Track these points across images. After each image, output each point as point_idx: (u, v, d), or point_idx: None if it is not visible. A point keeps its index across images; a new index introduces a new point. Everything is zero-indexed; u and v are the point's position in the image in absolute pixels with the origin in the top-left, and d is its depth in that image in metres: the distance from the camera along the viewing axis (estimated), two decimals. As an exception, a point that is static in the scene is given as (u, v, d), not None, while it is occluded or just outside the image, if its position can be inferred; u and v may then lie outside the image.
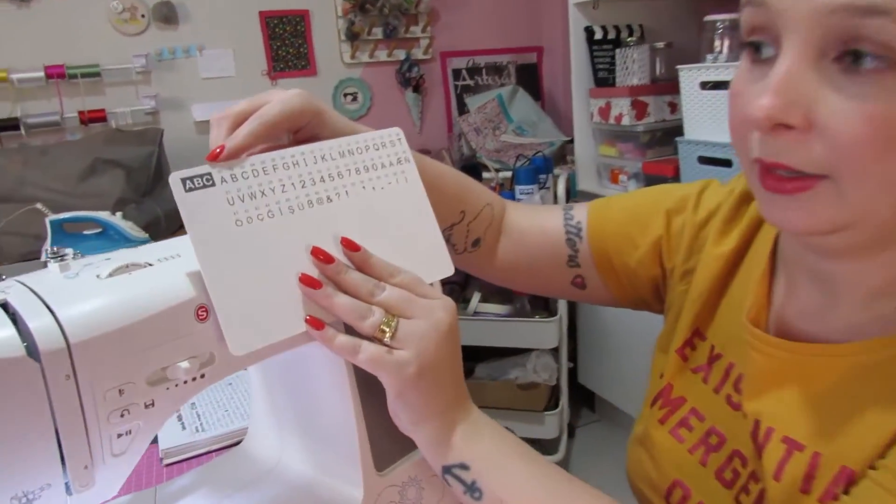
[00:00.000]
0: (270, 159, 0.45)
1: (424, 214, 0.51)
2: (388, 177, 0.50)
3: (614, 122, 1.82)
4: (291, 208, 0.45)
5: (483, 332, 1.86)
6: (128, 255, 0.44)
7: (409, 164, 0.52)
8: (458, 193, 0.63)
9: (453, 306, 0.47)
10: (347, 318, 0.44)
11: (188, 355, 0.42)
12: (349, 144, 0.49)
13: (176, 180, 0.41)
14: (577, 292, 0.68)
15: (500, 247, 0.67)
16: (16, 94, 2.01)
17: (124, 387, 0.39)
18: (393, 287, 0.46)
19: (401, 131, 0.52)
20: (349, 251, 0.46)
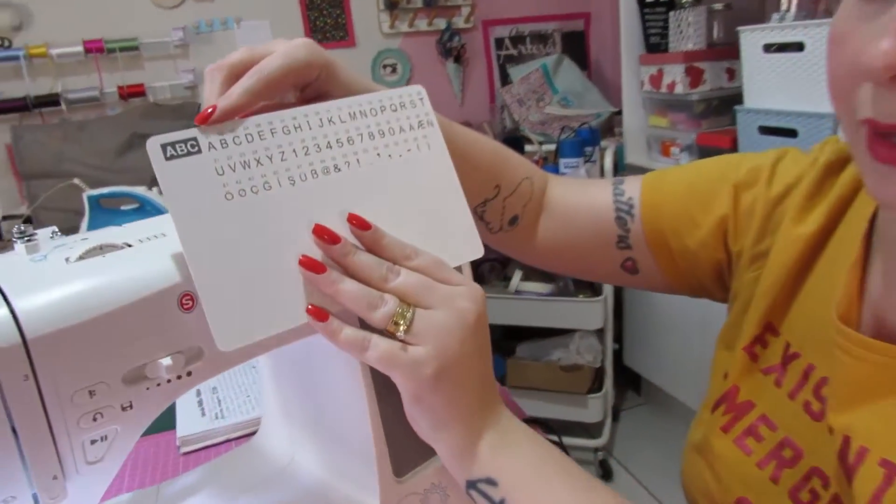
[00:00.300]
0: (268, 122, 0.39)
1: (450, 186, 0.44)
2: (408, 142, 0.43)
3: (666, 90, 1.71)
4: (292, 179, 0.39)
5: (524, 312, 1.79)
6: (105, 235, 0.38)
7: (432, 127, 0.45)
8: (493, 165, 0.56)
9: (481, 294, 0.41)
10: (355, 308, 0.38)
11: (171, 350, 0.36)
12: (362, 104, 0.42)
13: (154, 146, 0.35)
14: (628, 277, 0.60)
15: (541, 225, 0.60)
16: (56, 70, 2.00)
17: (95, 387, 0.34)
18: (409, 271, 0.39)
19: (423, 90, 0.45)
20: (358, 230, 0.39)
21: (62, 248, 0.37)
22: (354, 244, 0.39)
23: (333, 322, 0.38)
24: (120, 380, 0.35)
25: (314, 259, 0.38)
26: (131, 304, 0.34)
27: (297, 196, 0.39)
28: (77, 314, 0.33)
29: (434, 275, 0.40)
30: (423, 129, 0.44)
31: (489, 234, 0.60)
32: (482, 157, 0.55)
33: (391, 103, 0.44)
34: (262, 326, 0.36)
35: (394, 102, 0.44)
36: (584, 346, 1.78)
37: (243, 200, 0.37)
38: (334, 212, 0.40)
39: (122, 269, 0.35)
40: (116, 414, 0.35)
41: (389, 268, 0.39)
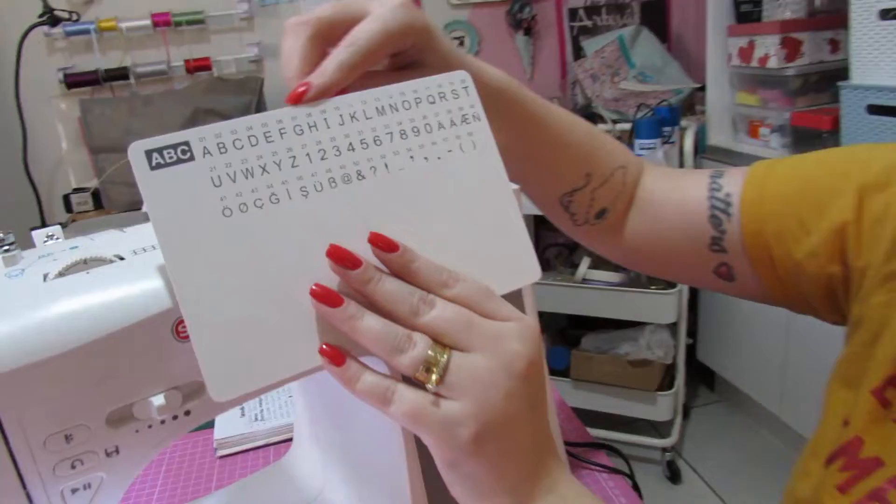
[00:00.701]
0: (276, 120, 0.32)
1: (500, 195, 0.36)
2: (449, 142, 0.36)
3: (758, 64, 1.55)
4: (305, 190, 0.32)
5: (592, 303, 1.69)
6: (95, 246, 0.33)
7: (478, 122, 0.37)
8: (587, 152, 0.50)
9: (535, 331, 0.33)
10: (377, 350, 0.31)
11: (164, 387, 0.30)
12: (392, 96, 0.35)
13: (137, 153, 0.30)
14: (722, 284, 0.51)
15: (630, 221, 0.53)
16: (126, 43, 2.02)
17: (72, 431, 0.29)
18: (446, 303, 0.32)
19: (468, 76, 0.37)
20: (383, 251, 0.32)
21: (46, 258, 0.32)
22: (379, 268, 0.32)
23: (351, 366, 0.31)
24: (103, 421, 0.29)
25: (328, 289, 0.31)
26: (116, 332, 0.29)
27: (311, 211, 0.32)
28: (49, 345, 0.27)
29: (478, 307, 0.32)
30: (468, 125, 0.36)
31: (572, 226, 0.54)
32: (579, 142, 0.49)
33: (428, 94, 0.36)
34: (265, 372, 0.30)
35: (431, 93, 0.36)
36: (655, 341, 1.67)
37: (245, 217, 0.31)
38: (356, 229, 0.33)
39: (107, 288, 0.30)
40: (100, 460, 0.30)
41: (422, 298, 0.32)
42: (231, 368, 0.29)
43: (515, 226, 0.36)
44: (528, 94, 0.47)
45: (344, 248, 0.32)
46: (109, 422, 0.29)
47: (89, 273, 0.30)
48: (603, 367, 1.74)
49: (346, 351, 0.32)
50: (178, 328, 0.30)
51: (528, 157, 0.49)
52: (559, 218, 0.55)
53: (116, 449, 0.30)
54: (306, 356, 0.31)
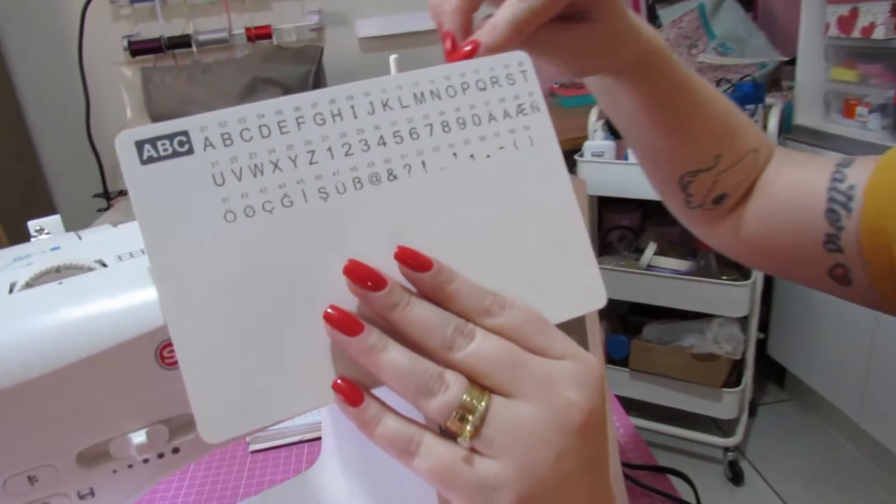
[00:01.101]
0: (292, 106, 0.27)
1: (561, 201, 0.30)
2: (501, 136, 0.29)
3: (860, 35, 1.40)
4: (324, 192, 0.27)
5: (656, 291, 1.59)
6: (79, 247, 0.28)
7: (537, 113, 0.30)
8: (723, 131, 0.46)
9: (597, 373, 0.27)
10: (400, 390, 0.25)
11: (146, 421, 0.26)
12: (434, 80, 0.29)
13: (126, 144, 0.25)
14: (839, 288, 0.45)
15: (745, 209, 0.48)
16: (189, 11, 2.01)
17: (37, 472, 0.24)
18: (488, 335, 0.26)
19: (527, 57, 0.31)
20: (415, 270, 0.26)
21: (21, 262, 0.27)
22: (408, 288, 0.27)
23: (370, 407, 0.25)
24: (73, 460, 0.25)
25: (346, 313, 0.26)
26: (88, 357, 0.24)
27: (330, 217, 0.27)
28: (8, 372, 0.23)
29: (527, 341, 0.26)
30: (525, 117, 0.30)
31: (684, 208, 0.49)
32: (714, 118, 0.45)
33: (478, 78, 0.29)
34: (268, 409, 0.25)
35: (482, 77, 0.29)
36: (723, 335, 1.56)
37: (251, 222, 0.26)
38: (383, 241, 0.27)
39: (80, 303, 0.25)
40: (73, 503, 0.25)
41: (458, 329, 0.26)
42: (227, 405, 0.24)
43: (578, 240, 0.29)
44: (677, 59, 0.43)
45: (365, 265, 0.26)
46: (81, 461, 0.25)
47: (62, 283, 0.26)
48: (665, 359, 1.65)
49: (365, 387, 0.26)
50: (162, 353, 0.25)
51: (664, 128, 0.45)
52: (672, 197, 0.50)
53: (91, 491, 0.26)
54: (317, 392, 0.26)
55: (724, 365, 1.61)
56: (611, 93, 0.45)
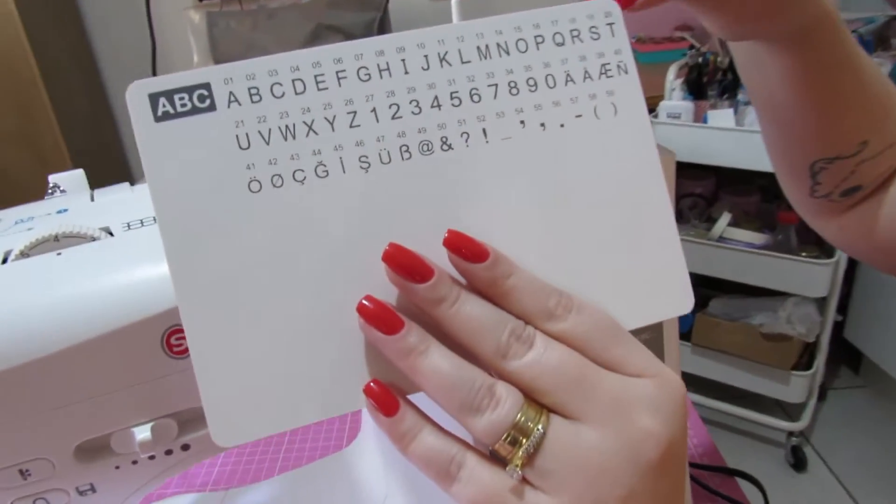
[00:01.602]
0: (332, 57, 0.23)
1: (646, 182, 0.25)
2: (579, 102, 0.25)
3: None
4: (365, 161, 0.23)
5: (727, 264, 1.50)
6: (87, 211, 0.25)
7: (624, 76, 0.25)
8: (876, 116, 0.40)
9: (678, 395, 0.22)
10: (444, 403, 0.22)
11: (152, 415, 0.23)
12: (501, 31, 0.24)
13: (138, 97, 0.21)
14: None
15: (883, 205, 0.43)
16: (256, -47, 1.97)
17: (30, 465, 0.22)
18: (551, 342, 0.22)
19: (616, 7, 0.25)
20: (467, 260, 0.22)
21: (23, 225, 0.24)
22: (457, 279, 0.22)
23: (406, 418, 0.22)
24: (70, 455, 0.22)
25: (384, 306, 0.22)
26: (84, 343, 0.21)
27: (371, 191, 0.23)
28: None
29: (597, 351, 0.22)
30: (610, 80, 0.25)
31: (805, 196, 0.44)
32: (868, 103, 0.38)
33: (555, 31, 0.24)
34: (287, 412, 0.22)
35: (560, 30, 0.24)
36: (797, 315, 1.47)
37: (279, 194, 0.22)
38: (431, 223, 0.23)
39: (78, 279, 0.22)
40: (72, 499, 0.23)
41: (515, 332, 0.22)
42: (243, 405, 0.21)
43: (664, 232, 0.25)
44: (846, 30, 0.37)
45: (408, 250, 0.22)
46: (79, 456, 0.22)
47: (60, 254, 0.23)
48: (731, 337, 1.56)
49: (402, 392, 0.23)
50: (169, 340, 0.22)
51: (813, 107, 0.39)
52: (794, 182, 0.45)
53: (92, 487, 0.23)
54: (345, 396, 0.22)
55: (796, 346, 1.52)
56: (759, 60, 0.39)
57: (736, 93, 1.39)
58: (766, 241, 1.49)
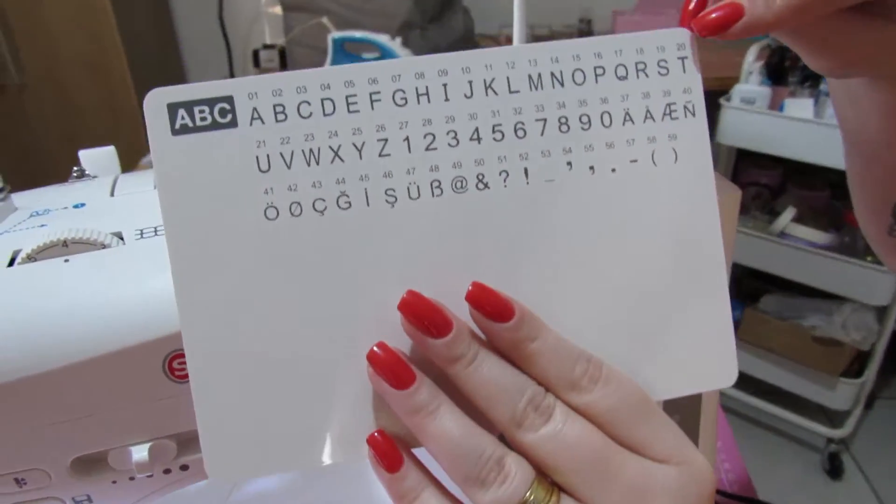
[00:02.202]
0: (367, 77, 0.21)
1: (703, 240, 0.23)
2: (637, 145, 0.22)
3: None
4: (392, 195, 0.21)
5: (786, 261, 1.43)
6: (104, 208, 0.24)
7: (692, 119, 0.22)
8: None
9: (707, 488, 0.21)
10: (449, 469, 0.20)
11: (151, 435, 0.22)
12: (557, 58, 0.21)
13: (156, 106, 0.20)
14: None
15: None
16: None
17: (25, 475, 0.21)
18: (571, 415, 0.20)
19: (689, 37, 0.22)
20: (490, 317, 0.20)
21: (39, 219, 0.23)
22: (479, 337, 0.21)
23: (409, 477, 0.21)
24: (66, 468, 0.22)
25: (396, 356, 0.20)
26: (84, 361, 0.20)
27: (396, 229, 0.21)
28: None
29: (622, 430, 0.20)
30: (674, 122, 0.22)
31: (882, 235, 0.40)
32: None
33: (618, 63, 0.22)
34: (286, 456, 0.21)
35: (624, 61, 0.22)
36: (853, 322, 1.40)
37: (296, 224, 0.20)
38: (456, 270, 0.21)
39: (83, 292, 0.21)
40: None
41: (533, 401, 0.20)
42: (242, 444, 0.21)
43: (716, 296, 0.22)
44: None
45: (427, 300, 0.21)
46: (76, 469, 0.22)
47: (68, 261, 0.22)
48: (780, 336, 1.51)
49: (407, 447, 0.21)
50: (171, 364, 0.21)
51: None
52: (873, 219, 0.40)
53: (88, 498, 0.23)
54: (348, 445, 0.21)
55: (847, 353, 1.46)
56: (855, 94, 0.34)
57: (819, 82, 1.30)
58: (830, 240, 1.41)
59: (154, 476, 0.23)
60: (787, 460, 1.61)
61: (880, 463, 1.58)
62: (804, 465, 1.59)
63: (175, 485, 0.24)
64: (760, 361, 1.56)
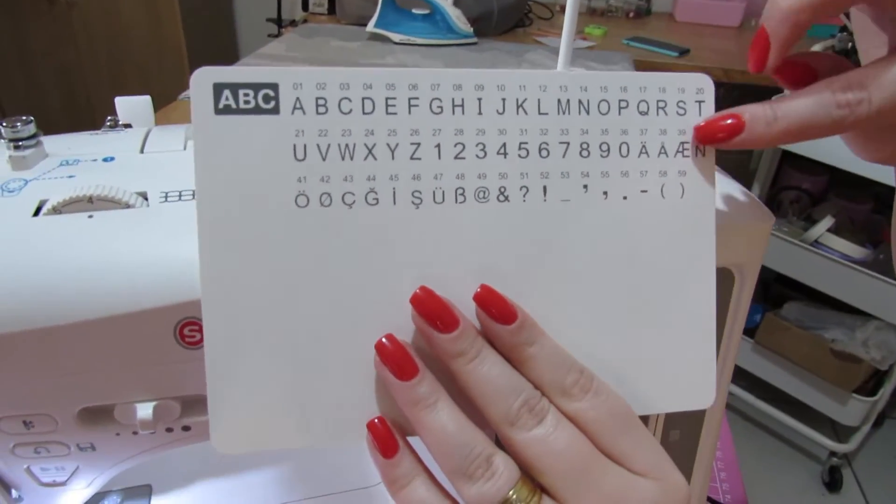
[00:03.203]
0: (409, 83, 0.21)
1: (697, 274, 0.24)
2: (648, 177, 0.23)
3: None
4: (418, 196, 0.22)
5: (815, 271, 1.41)
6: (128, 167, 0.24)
7: (701, 158, 0.24)
8: None
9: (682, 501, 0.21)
10: (439, 460, 0.21)
11: (156, 395, 0.22)
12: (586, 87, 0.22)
13: (202, 84, 0.20)
14: None
15: None
16: None
17: (33, 418, 0.22)
18: (562, 421, 0.21)
19: (709, 83, 0.23)
20: (494, 318, 0.22)
21: (67, 169, 0.24)
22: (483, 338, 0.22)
23: (403, 463, 0.22)
24: (73, 416, 0.22)
25: (402, 349, 0.21)
26: (97, 320, 0.20)
27: (417, 228, 0.22)
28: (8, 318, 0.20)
29: (606, 440, 0.21)
30: (685, 160, 0.23)
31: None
32: None
33: (641, 99, 0.23)
34: (290, 432, 0.22)
35: (646, 98, 0.23)
36: (875, 340, 1.37)
37: (325, 214, 0.21)
38: (468, 272, 0.22)
39: (105, 250, 0.21)
40: (72, 453, 0.24)
41: (528, 403, 0.21)
42: (248, 417, 0.21)
43: (703, 324, 0.24)
44: None
45: (437, 297, 0.21)
46: (82, 418, 0.23)
47: (92, 217, 0.22)
48: (798, 345, 1.49)
49: (404, 434, 0.22)
50: (182, 330, 0.21)
51: None
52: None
53: (92, 446, 0.24)
54: (350, 426, 0.22)
55: (864, 370, 1.43)
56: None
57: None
58: (864, 255, 1.38)
59: (156, 433, 0.24)
60: (787, 467, 1.61)
61: (880, 481, 1.57)
62: (803, 474, 1.59)
63: (176, 443, 0.24)
64: (774, 367, 1.55)
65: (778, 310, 1.55)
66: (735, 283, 0.28)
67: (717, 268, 0.27)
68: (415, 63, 1.21)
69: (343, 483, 0.36)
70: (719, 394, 0.32)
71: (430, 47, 1.37)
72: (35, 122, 0.24)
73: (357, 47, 1.32)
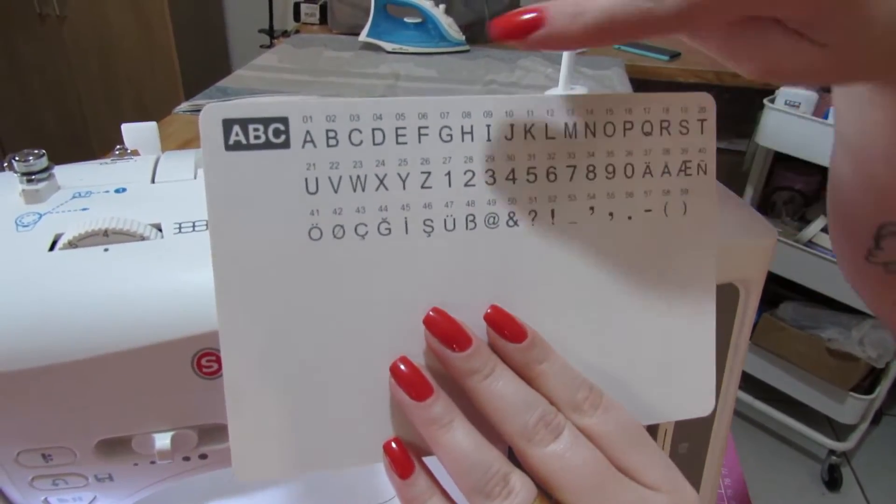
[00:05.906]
0: (418, 112, 0.21)
1: (698, 290, 0.25)
2: (652, 196, 0.24)
3: None
4: (430, 225, 0.22)
5: (809, 270, 1.41)
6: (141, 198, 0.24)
7: (703, 177, 0.24)
8: None
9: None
10: (456, 478, 0.21)
11: (174, 425, 0.22)
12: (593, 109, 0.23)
13: (211, 121, 0.20)
14: None
15: None
16: None
17: (52, 451, 0.22)
18: (580, 439, 0.21)
19: (711, 102, 0.24)
20: (504, 337, 0.22)
21: (79, 202, 0.24)
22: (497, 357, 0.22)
23: (418, 483, 0.22)
24: (91, 448, 0.22)
25: (418, 371, 0.22)
26: (116, 353, 0.21)
27: (428, 256, 0.22)
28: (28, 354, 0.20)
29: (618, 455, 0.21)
30: (688, 179, 0.24)
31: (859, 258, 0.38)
32: None
33: (645, 119, 0.23)
34: (309, 458, 0.22)
35: (650, 118, 0.23)
36: (871, 339, 1.38)
37: (338, 246, 0.21)
38: (480, 295, 0.22)
39: (118, 283, 0.21)
40: (90, 484, 0.24)
41: (545, 418, 0.21)
42: (270, 446, 0.22)
43: (703, 337, 0.25)
44: None
45: (450, 318, 0.22)
46: (100, 450, 0.23)
47: (108, 251, 0.22)
48: (794, 345, 1.50)
49: (419, 454, 0.22)
50: (200, 361, 0.22)
51: None
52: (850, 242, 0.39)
53: (109, 476, 0.24)
54: (367, 448, 0.22)
55: (861, 368, 1.44)
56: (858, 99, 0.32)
57: (869, 91, 1.26)
58: (859, 254, 1.39)
59: (173, 462, 0.24)
60: (786, 466, 1.62)
61: (879, 479, 1.58)
62: (803, 473, 1.60)
63: (193, 471, 0.25)
64: (771, 367, 1.56)
65: (774, 310, 1.56)
66: (740, 299, 0.28)
67: (722, 283, 0.28)
68: (408, 71, 1.22)
69: (356, 499, 0.36)
70: (727, 406, 0.32)
71: (423, 55, 1.38)
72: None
73: (350, 57, 1.32)
